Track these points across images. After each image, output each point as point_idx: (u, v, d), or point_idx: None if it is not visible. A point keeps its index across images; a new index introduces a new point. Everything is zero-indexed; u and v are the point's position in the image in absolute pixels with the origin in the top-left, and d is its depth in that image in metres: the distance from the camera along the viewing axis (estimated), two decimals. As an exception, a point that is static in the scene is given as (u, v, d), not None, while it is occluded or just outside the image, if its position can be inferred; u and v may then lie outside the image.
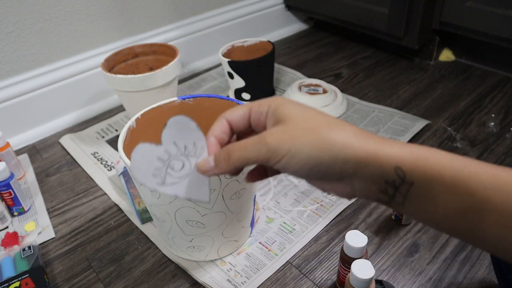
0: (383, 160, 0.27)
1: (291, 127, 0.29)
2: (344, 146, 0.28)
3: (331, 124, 0.29)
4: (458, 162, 0.27)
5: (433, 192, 0.27)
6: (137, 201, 0.75)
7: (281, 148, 0.29)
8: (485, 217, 0.26)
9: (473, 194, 0.26)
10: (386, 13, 1.11)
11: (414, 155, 0.27)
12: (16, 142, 0.99)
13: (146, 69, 1.02)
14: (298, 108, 0.31)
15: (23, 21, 0.93)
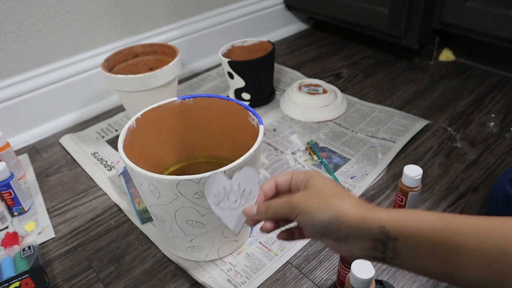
0: (370, 223, 0.35)
1: (310, 194, 0.39)
2: (341, 213, 0.36)
3: (339, 195, 0.38)
4: (431, 216, 0.33)
5: (417, 244, 0.32)
6: (137, 201, 0.75)
7: (298, 207, 0.38)
8: (461, 260, 0.30)
9: (449, 242, 0.31)
10: (386, 13, 1.11)
11: (395, 217, 0.34)
12: (16, 142, 0.99)
13: (146, 69, 1.02)
14: (322, 181, 0.40)
15: (23, 21, 0.93)
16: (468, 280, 0.30)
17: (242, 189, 0.42)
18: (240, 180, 0.42)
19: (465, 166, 0.82)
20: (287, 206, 0.39)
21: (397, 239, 0.33)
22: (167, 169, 0.76)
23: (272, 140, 0.93)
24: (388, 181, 0.80)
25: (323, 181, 0.40)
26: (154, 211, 0.60)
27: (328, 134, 0.94)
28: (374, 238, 0.34)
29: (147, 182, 0.54)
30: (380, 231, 0.34)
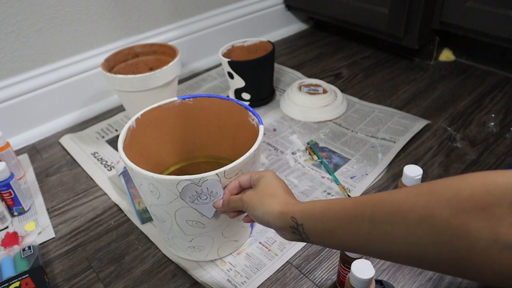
0: (286, 215, 0.45)
1: (254, 193, 0.51)
2: (269, 210, 0.47)
3: (273, 195, 0.49)
4: (325, 203, 0.42)
5: (314, 225, 0.42)
6: (137, 201, 0.75)
7: (245, 203, 0.51)
8: (339, 234, 0.40)
9: (330, 221, 0.41)
10: (386, 13, 1.11)
11: (301, 207, 0.45)
12: (16, 142, 0.99)
13: (146, 69, 1.02)
14: (266, 182, 0.51)
15: (23, 21, 0.93)
16: (348, 246, 0.41)
17: (210, 191, 0.53)
18: (208, 186, 0.53)
19: (465, 166, 0.82)
20: (239, 201, 0.52)
21: (302, 224, 0.43)
22: (167, 169, 0.76)
23: (272, 140, 0.93)
24: (388, 181, 0.80)
25: (267, 182, 0.51)
26: (154, 211, 0.60)
27: (328, 134, 0.94)
28: (290, 226, 0.45)
29: (147, 182, 0.54)
30: (292, 220, 0.44)
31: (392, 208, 0.35)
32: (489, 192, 0.29)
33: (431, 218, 0.32)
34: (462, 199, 0.30)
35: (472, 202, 0.30)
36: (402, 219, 0.34)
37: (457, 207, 0.30)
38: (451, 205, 0.31)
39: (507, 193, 0.29)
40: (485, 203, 0.29)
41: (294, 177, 0.82)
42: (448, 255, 0.31)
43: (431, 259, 0.32)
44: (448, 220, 0.31)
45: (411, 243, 0.33)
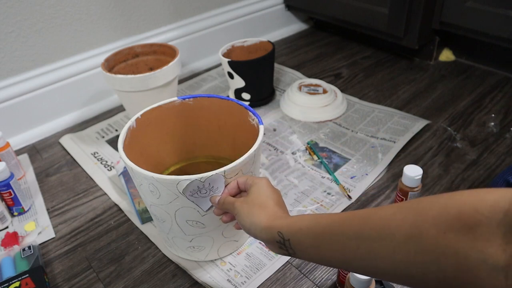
0: (272, 229, 0.45)
1: (245, 201, 0.50)
2: (256, 222, 0.47)
3: (262, 206, 0.48)
4: (309, 218, 0.42)
5: (300, 241, 0.42)
6: (137, 201, 0.75)
7: (236, 209, 0.50)
8: (327, 249, 0.39)
9: (318, 236, 0.40)
10: (386, 13, 1.11)
11: (288, 222, 0.44)
12: (16, 142, 0.99)
13: (146, 69, 1.02)
14: (258, 191, 0.50)
15: (23, 21, 0.93)
16: (336, 263, 0.39)
17: (211, 186, 0.53)
18: (210, 181, 0.53)
19: (465, 166, 0.82)
20: (231, 206, 0.51)
21: (289, 240, 0.42)
22: (167, 169, 0.76)
23: (272, 140, 0.93)
24: (388, 181, 0.80)
25: (259, 191, 0.50)
26: (154, 211, 0.60)
27: (328, 134, 0.94)
28: (277, 240, 0.44)
29: (147, 182, 0.54)
30: (278, 235, 0.44)
31: (380, 224, 0.34)
32: (477, 211, 0.28)
33: (418, 236, 0.31)
34: (449, 217, 0.30)
35: (460, 220, 0.29)
36: (390, 236, 0.33)
37: (445, 225, 0.30)
38: (439, 223, 0.30)
39: (496, 212, 0.28)
40: (473, 222, 0.28)
41: (294, 177, 0.82)
42: (435, 274, 0.30)
43: (418, 278, 0.32)
44: (435, 238, 0.30)
45: (398, 261, 0.32)
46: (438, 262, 0.30)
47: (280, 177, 0.83)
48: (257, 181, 0.52)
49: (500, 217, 0.27)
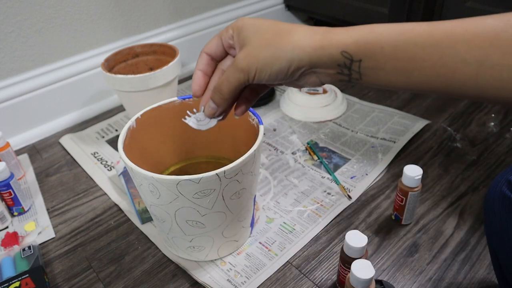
0: (330, 49, 0.33)
1: (253, 48, 0.36)
2: (295, 49, 0.34)
3: (283, 33, 0.35)
4: (395, 32, 0.32)
5: (379, 63, 0.32)
6: (137, 201, 0.75)
7: (251, 68, 0.36)
8: (424, 73, 0.31)
9: (411, 57, 0.31)
10: (386, 13, 1.11)
11: (356, 37, 0.33)
12: (16, 142, 0.99)
13: (146, 69, 1.02)
14: (254, 25, 0.37)
15: (23, 21, 0.93)
16: (430, 89, 0.32)
17: None
18: None
19: (465, 166, 0.82)
20: (240, 74, 0.37)
21: (361, 61, 0.33)
22: (167, 169, 0.76)
23: (272, 140, 0.93)
24: (388, 181, 0.80)
25: (256, 28, 0.37)
26: (154, 211, 0.60)
27: (328, 134, 0.94)
28: (339, 64, 0.34)
29: (147, 182, 0.54)
30: (343, 56, 0.33)
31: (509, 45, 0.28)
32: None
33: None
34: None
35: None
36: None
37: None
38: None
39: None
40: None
41: (294, 177, 0.82)
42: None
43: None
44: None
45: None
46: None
47: (280, 177, 0.83)
48: (240, 24, 0.38)
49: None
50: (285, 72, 0.35)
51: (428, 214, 0.72)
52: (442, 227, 0.70)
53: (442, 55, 0.29)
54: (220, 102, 0.39)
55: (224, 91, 0.38)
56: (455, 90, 0.30)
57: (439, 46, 0.30)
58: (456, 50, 0.29)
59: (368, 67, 0.33)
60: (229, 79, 0.37)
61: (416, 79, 0.31)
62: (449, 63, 0.29)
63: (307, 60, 0.34)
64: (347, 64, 0.33)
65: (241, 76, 0.36)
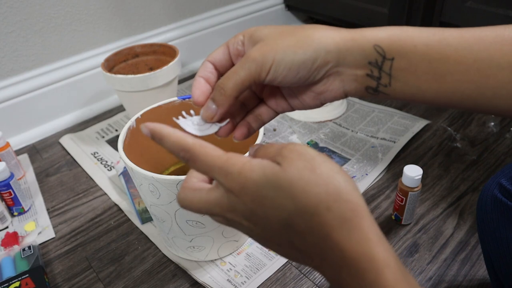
0: (362, 42, 0.30)
1: (271, 40, 0.30)
2: (322, 39, 0.30)
3: (305, 27, 0.31)
4: (427, 33, 0.30)
5: (412, 64, 0.29)
6: (137, 201, 0.75)
7: (266, 58, 0.29)
8: (457, 78, 0.29)
9: (445, 59, 0.29)
10: (386, 13, 1.11)
11: (388, 33, 0.30)
12: (16, 142, 0.99)
13: (146, 69, 1.02)
14: (272, 27, 0.32)
15: (23, 21, 0.93)
16: (461, 98, 0.30)
17: None
18: None
19: (465, 166, 0.82)
20: (251, 64, 0.30)
21: (393, 59, 0.30)
22: (167, 169, 0.76)
23: (272, 140, 0.93)
24: (388, 181, 0.80)
25: (273, 27, 0.32)
26: (154, 211, 0.60)
27: (328, 134, 0.94)
28: (369, 61, 0.30)
29: (147, 182, 0.54)
30: (375, 51, 0.30)
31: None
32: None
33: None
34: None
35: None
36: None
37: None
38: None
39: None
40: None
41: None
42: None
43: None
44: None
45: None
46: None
47: (280, 177, 0.82)
48: (254, 28, 0.33)
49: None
50: (309, 67, 0.30)
51: (428, 214, 0.72)
52: (442, 227, 0.70)
53: (476, 59, 0.28)
54: (221, 101, 0.32)
55: (228, 86, 0.31)
56: (485, 101, 0.29)
57: (472, 49, 0.28)
58: (489, 54, 0.28)
59: (400, 68, 0.30)
60: (237, 71, 0.30)
61: (448, 86, 0.29)
62: (483, 67, 0.28)
63: (335, 53, 0.30)
64: (378, 62, 0.30)
65: (252, 67, 0.30)
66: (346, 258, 0.24)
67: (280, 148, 0.27)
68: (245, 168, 0.26)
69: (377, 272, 0.23)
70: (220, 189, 0.28)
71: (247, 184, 0.26)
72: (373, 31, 0.30)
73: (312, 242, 0.25)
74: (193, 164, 0.28)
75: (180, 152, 0.29)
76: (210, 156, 0.27)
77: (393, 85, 0.31)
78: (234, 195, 0.26)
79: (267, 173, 0.25)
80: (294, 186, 0.25)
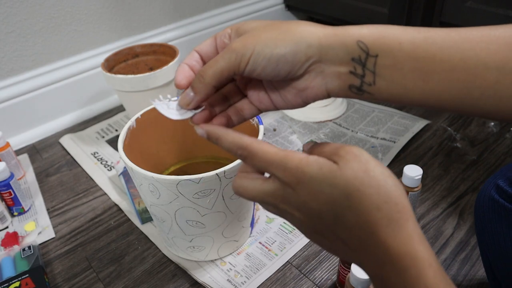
0: (345, 37, 0.29)
1: (254, 32, 0.31)
2: (304, 33, 0.30)
3: (290, 23, 0.31)
4: (412, 30, 0.29)
5: (397, 61, 0.29)
6: (137, 201, 0.75)
7: (246, 49, 0.30)
8: (443, 77, 0.28)
9: (431, 57, 0.28)
10: (386, 13, 1.11)
11: (371, 30, 0.29)
12: (16, 142, 0.99)
13: (146, 69, 1.02)
14: (258, 21, 0.33)
15: (23, 21, 0.93)
16: (448, 99, 0.29)
17: None
18: None
19: (465, 166, 0.82)
20: (231, 54, 0.30)
21: (377, 56, 0.29)
22: (167, 169, 0.76)
23: (272, 140, 0.93)
24: (388, 181, 0.80)
25: (259, 21, 0.32)
26: (154, 211, 0.60)
27: (328, 134, 0.94)
28: (353, 57, 0.29)
29: (147, 182, 0.54)
30: (358, 47, 0.29)
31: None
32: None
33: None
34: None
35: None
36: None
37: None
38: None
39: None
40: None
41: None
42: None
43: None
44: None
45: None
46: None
47: (280, 177, 0.82)
48: (241, 22, 0.34)
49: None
50: (289, 61, 0.30)
51: (428, 214, 0.72)
52: (442, 227, 0.70)
53: (463, 57, 0.28)
54: (200, 88, 0.32)
55: (207, 74, 0.31)
56: (473, 101, 0.28)
57: (459, 48, 0.28)
58: (476, 52, 0.28)
59: (385, 66, 0.29)
60: (217, 60, 0.31)
61: (435, 84, 0.29)
62: (470, 66, 0.28)
63: (317, 47, 0.30)
64: (362, 59, 0.29)
65: (232, 57, 0.30)
66: (391, 255, 0.26)
67: (337, 148, 0.28)
68: (302, 163, 0.28)
69: (420, 269, 0.25)
70: (276, 182, 0.29)
71: (304, 179, 0.27)
72: (356, 28, 0.30)
73: (359, 237, 0.27)
74: (250, 161, 0.30)
75: (238, 151, 0.30)
76: (268, 153, 0.29)
77: (378, 84, 0.30)
78: (291, 188, 0.28)
79: (324, 170, 0.27)
80: (350, 185, 0.26)
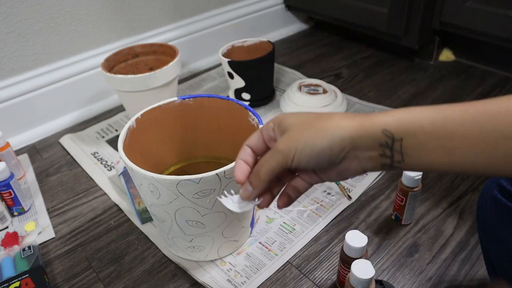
0: (371, 128, 0.34)
1: (294, 132, 0.36)
2: (336, 129, 0.35)
3: (322, 118, 0.36)
4: (431, 111, 0.32)
5: (420, 142, 0.32)
6: (137, 201, 0.75)
7: (290, 149, 0.36)
8: (466, 151, 0.31)
9: (451, 134, 0.31)
10: (386, 13, 1.11)
11: (395, 117, 0.33)
12: (16, 142, 0.99)
13: (146, 69, 1.02)
14: (295, 115, 0.38)
15: (23, 21, 0.93)
16: (474, 167, 0.31)
17: None
18: None
19: (465, 166, 0.82)
20: (278, 155, 0.36)
21: (402, 140, 0.33)
22: (167, 169, 0.76)
23: (272, 140, 0.93)
24: (388, 181, 0.80)
25: (297, 116, 0.38)
26: (154, 211, 0.60)
27: (328, 134, 0.93)
28: (380, 143, 0.33)
29: (147, 182, 0.54)
30: (384, 135, 0.33)
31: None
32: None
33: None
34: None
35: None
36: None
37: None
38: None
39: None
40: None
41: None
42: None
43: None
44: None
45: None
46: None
47: (280, 177, 0.82)
48: (281, 116, 0.39)
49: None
50: (327, 154, 0.35)
51: (428, 214, 0.72)
52: (442, 227, 0.70)
53: (481, 131, 0.30)
54: (257, 184, 0.39)
55: (262, 172, 0.38)
56: (499, 167, 0.31)
57: (477, 122, 0.30)
58: (494, 125, 0.30)
59: (410, 147, 0.33)
60: (268, 160, 0.37)
61: (458, 158, 0.31)
62: (489, 139, 0.30)
63: (349, 140, 0.34)
64: (388, 144, 0.33)
65: (279, 157, 0.36)
66: None
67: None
68: None
69: None
70: None
71: None
72: (381, 117, 0.34)
73: None
74: None
75: None
76: None
77: (406, 161, 0.33)
78: None
79: None
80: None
